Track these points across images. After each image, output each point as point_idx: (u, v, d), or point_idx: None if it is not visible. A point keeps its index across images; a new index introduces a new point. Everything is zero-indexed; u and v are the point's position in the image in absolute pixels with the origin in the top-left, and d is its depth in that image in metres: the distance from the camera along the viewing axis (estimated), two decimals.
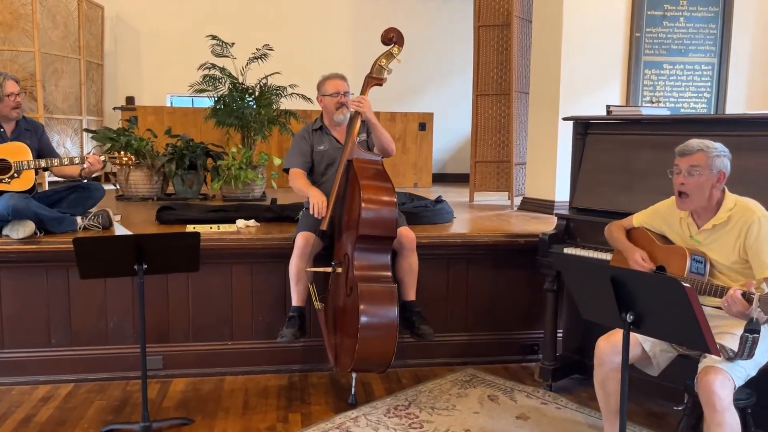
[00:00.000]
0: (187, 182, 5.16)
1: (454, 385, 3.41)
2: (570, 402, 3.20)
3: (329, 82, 3.40)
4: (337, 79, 3.40)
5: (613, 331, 2.42)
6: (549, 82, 4.47)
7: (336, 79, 3.40)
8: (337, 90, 3.36)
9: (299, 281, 3.27)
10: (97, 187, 3.59)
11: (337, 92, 3.36)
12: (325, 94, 3.39)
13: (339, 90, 3.36)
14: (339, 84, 3.37)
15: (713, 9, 4.46)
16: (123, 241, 2.56)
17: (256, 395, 3.26)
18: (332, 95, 3.36)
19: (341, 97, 3.35)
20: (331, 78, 3.41)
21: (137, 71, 7.29)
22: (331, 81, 3.39)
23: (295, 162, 3.43)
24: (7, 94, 3.33)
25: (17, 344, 3.34)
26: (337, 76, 3.41)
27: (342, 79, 3.41)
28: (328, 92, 3.38)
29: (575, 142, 3.35)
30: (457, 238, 3.63)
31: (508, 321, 3.79)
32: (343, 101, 3.35)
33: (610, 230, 2.72)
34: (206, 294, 3.48)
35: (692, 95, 4.53)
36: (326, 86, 3.40)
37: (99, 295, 3.39)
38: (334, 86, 3.37)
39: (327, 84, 3.40)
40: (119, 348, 3.44)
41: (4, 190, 3.23)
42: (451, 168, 7.98)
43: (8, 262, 3.26)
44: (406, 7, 7.82)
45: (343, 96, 3.36)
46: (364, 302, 2.87)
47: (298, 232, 3.29)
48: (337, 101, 3.35)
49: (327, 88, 3.39)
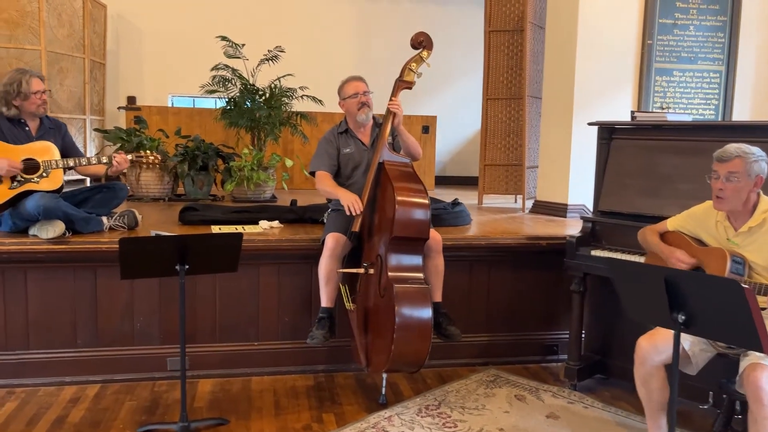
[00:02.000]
0: (197, 183, 5.14)
1: (479, 385, 3.46)
2: (596, 401, 3.26)
3: (348, 84, 3.46)
4: (356, 80, 3.46)
5: (654, 331, 2.49)
6: (563, 88, 4.55)
7: (355, 80, 3.46)
8: (356, 91, 3.41)
9: (329, 282, 3.29)
10: (122, 187, 3.57)
11: (357, 93, 3.41)
12: (346, 96, 3.44)
13: (359, 90, 3.41)
14: (358, 85, 3.43)
15: (721, 18, 4.58)
16: (168, 241, 2.56)
17: (285, 396, 3.28)
18: (352, 96, 3.41)
19: (362, 96, 3.40)
20: (350, 80, 3.47)
21: (139, 71, 7.24)
22: (351, 83, 3.45)
23: (322, 164, 3.45)
24: (33, 91, 3.31)
25: (43, 345, 3.32)
26: (355, 78, 3.48)
27: (360, 80, 3.47)
28: (349, 94, 3.43)
29: (600, 147, 3.42)
30: (480, 240, 3.68)
31: (527, 322, 3.85)
32: (364, 100, 3.40)
33: (644, 234, 2.79)
34: (233, 294, 3.49)
35: (701, 102, 4.65)
36: (346, 89, 3.45)
37: (125, 295, 3.38)
38: (353, 87, 3.43)
39: (346, 87, 3.46)
40: (145, 349, 3.42)
41: (33, 190, 3.20)
42: (452, 171, 8.06)
43: (36, 262, 3.24)
44: (408, 11, 7.89)
45: (363, 95, 3.41)
46: (399, 303, 2.90)
47: (328, 233, 3.31)
48: (358, 101, 3.40)
49: (347, 90, 3.44)
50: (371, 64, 7.65)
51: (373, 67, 7.65)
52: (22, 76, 3.28)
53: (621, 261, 2.63)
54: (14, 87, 3.27)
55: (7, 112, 3.29)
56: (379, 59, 7.66)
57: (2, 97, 3.29)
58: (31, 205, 3.11)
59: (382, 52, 7.67)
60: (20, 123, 3.33)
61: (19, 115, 3.31)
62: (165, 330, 3.44)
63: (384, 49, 7.68)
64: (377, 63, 7.63)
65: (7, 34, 5.57)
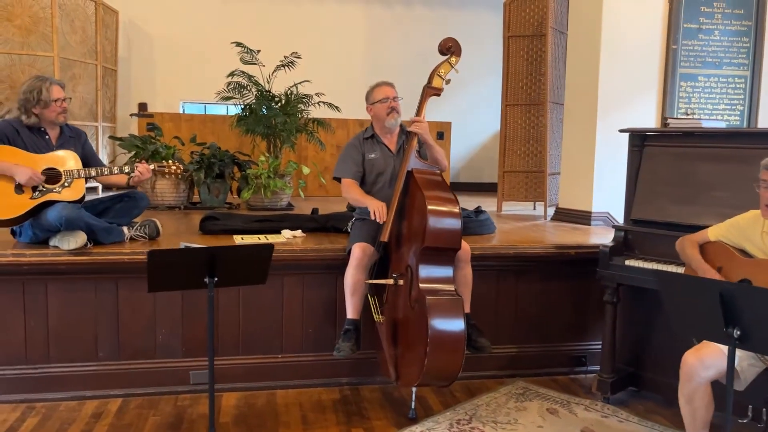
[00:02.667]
0: (213, 191, 5.08)
1: (509, 398, 3.38)
2: (630, 415, 3.18)
3: (377, 89, 3.42)
4: (385, 85, 3.43)
5: (700, 346, 2.41)
6: (586, 93, 4.48)
7: (384, 86, 3.42)
8: (386, 95, 3.37)
9: (355, 293, 3.22)
10: (143, 196, 3.50)
11: (387, 97, 3.37)
12: (375, 101, 3.40)
13: (388, 95, 3.37)
14: (388, 90, 3.40)
15: (746, 23, 4.51)
16: (198, 253, 2.49)
17: (312, 410, 3.20)
18: (382, 101, 3.37)
19: (391, 101, 3.36)
20: (379, 85, 3.44)
21: (150, 77, 7.19)
22: (380, 88, 3.42)
23: (348, 171, 3.39)
24: (53, 99, 3.24)
25: (63, 358, 3.24)
26: (384, 83, 3.44)
27: (390, 86, 3.44)
28: (378, 98, 3.38)
29: (631, 154, 3.35)
30: (509, 249, 3.61)
31: (555, 332, 3.77)
32: (393, 105, 3.37)
33: (683, 246, 2.71)
34: (256, 306, 3.42)
35: (726, 107, 4.57)
36: (375, 93, 3.41)
37: (148, 308, 3.31)
38: (383, 92, 3.39)
39: (376, 91, 3.42)
40: (168, 362, 3.35)
41: (55, 200, 3.13)
42: (466, 177, 7.99)
43: (57, 274, 3.17)
44: (421, 16, 7.83)
45: (392, 101, 3.36)
46: (432, 315, 2.83)
47: (354, 243, 3.24)
48: (387, 106, 3.36)
49: (376, 95, 3.40)
50: (384, 69, 7.59)
51: (385, 73, 7.61)
52: (42, 84, 3.21)
53: (671, 274, 2.55)
54: (34, 95, 3.21)
55: (27, 120, 3.23)
56: (391, 64, 7.62)
57: (22, 105, 3.22)
58: (52, 215, 3.04)
59: (394, 57, 7.63)
60: (40, 131, 3.27)
61: (39, 124, 3.25)
62: (188, 342, 3.36)
63: (396, 54, 7.63)
64: (390, 68, 7.58)
65: (20, 40, 5.51)
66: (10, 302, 3.16)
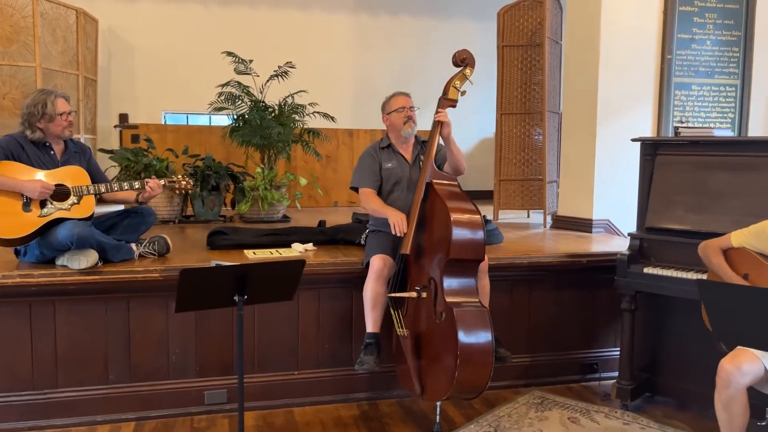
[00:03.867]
0: (208, 204, 4.97)
1: (528, 408, 3.37)
2: (650, 421, 3.21)
3: (394, 99, 3.43)
4: (402, 95, 3.44)
5: (737, 353, 2.44)
6: (585, 102, 4.53)
7: (400, 95, 3.44)
8: (403, 105, 3.38)
9: (375, 306, 3.18)
10: (150, 212, 3.40)
11: (403, 107, 3.38)
12: (391, 110, 3.40)
13: (405, 105, 3.39)
14: (404, 100, 3.41)
15: (736, 33, 4.64)
16: (229, 271, 2.42)
17: (334, 427, 3.14)
18: (398, 110, 3.38)
19: (408, 111, 3.36)
20: (397, 95, 3.45)
21: (131, 87, 7.00)
22: (396, 98, 3.43)
23: (366, 181, 3.37)
24: (59, 113, 3.12)
25: (73, 382, 3.11)
26: (401, 93, 3.46)
27: (406, 96, 3.45)
28: (395, 108, 3.39)
29: (644, 163, 3.39)
30: (523, 258, 3.61)
31: (567, 341, 3.79)
32: (410, 115, 3.37)
33: (707, 253, 2.74)
34: (272, 322, 3.34)
35: (718, 116, 4.68)
36: (391, 103, 3.42)
37: (160, 327, 3.20)
38: (399, 102, 3.40)
39: (392, 101, 3.42)
40: (182, 382, 3.25)
41: (64, 218, 3.00)
42: None
43: (65, 295, 3.04)
44: (407, 25, 7.83)
45: (409, 110, 3.37)
46: (461, 328, 2.80)
47: (373, 255, 3.20)
48: (404, 116, 3.37)
49: (392, 104, 3.41)
50: (369, 78, 7.60)
51: (372, 82, 7.63)
52: (47, 97, 3.09)
53: (714, 283, 2.57)
54: (38, 108, 3.08)
55: (32, 135, 3.10)
56: (377, 73, 7.61)
57: (26, 120, 3.09)
58: (63, 233, 2.92)
59: (380, 65, 7.61)
60: (45, 146, 3.14)
61: (44, 138, 3.12)
62: (202, 362, 3.27)
63: (383, 63, 7.62)
64: (371, 78, 7.59)
65: (1, 50, 5.31)
66: (17, 325, 3.02)
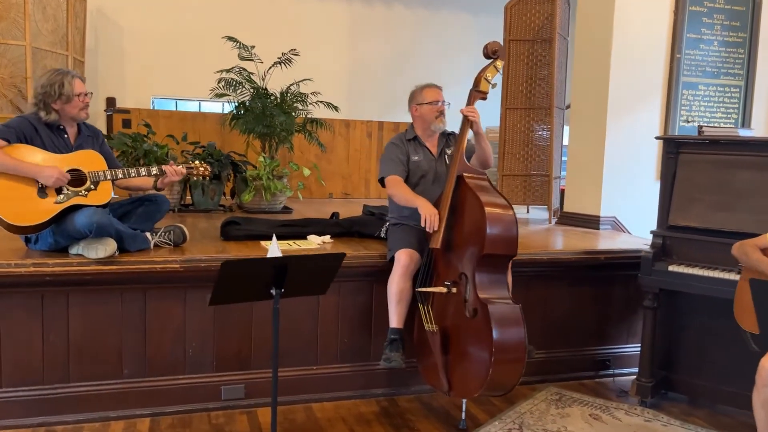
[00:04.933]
0: (208, 193, 4.83)
1: (548, 404, 3.36)
2: (671, 418, 3.23)
3: (428, 90, 3.33)
4: (435, 88, 3.34)
5: None
6: (596, 99, 4.53)
7: (434, 88, 3.34)
8: (436, 98, 3.30)
9: (401, 301, 3.12)
10: (164, 200, 3.26)
11: (437, 101, 3.29)
12: (423, 102, 3.31)
13: (438, 99, 3.30)
14: (438, 93, 3.32)
15: (742, 35, 4.70)
16: (269, 263, 2.33)
17: (357, 424, 3.07)
18: (431, 103, 3.29)
19: (440, 105, 3.27)
20: (430, 87, 3.34)
21: (119, 70, 6.77)
22: (430, 90, 3.33)
23: (394, 169, 3.28)
24: (76, 93, 2.96)
25: (85, 377, 2.97)
26: (434, 86, 3.36)
27: (439, 89, 3.36)
28: (427, 100, 3.30)
29: (666, 161, 3.40)
30: (542, 255, 3.59)
31: (581, 337, 3.79)
32: (442, 109, 3.29)
33: (745, 251, 2.75)
34: (291, 316, 3.24)
35: (722, 115, 4.74)
36: (424, 95, 3.32)
37: (177, 320, 3.08)
38: (433, 95, 3.31)
39: (425, 92, 3.32)
40: (198, 377, 3.14)
41: (81, 204, 2.86)
42: None
43: (80, 285, 2.90)
44: (401, 15, 7.75)
45: (441, 104, 3.28)
46: (497, 325, 2.76)
47: (399, 249, 3.14)
48: (437, 109, 3.28)
49: (425, 96, 3.32)
50: (363, 67, 7.51)
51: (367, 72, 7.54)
52: (63, 77, 2.94)
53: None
54: (55, 88, 2.92)
55: (46, 117, 2.93)
56: (371, 63, 7.53)
57: (40, 100, 2.93)
58: (81, 221, 2.77)
59: (374, 55, 7.53)
60: (59, 129, 2.98)
61: (58, 121, 2.96)
62: (219, 356, 3.16)
63: (376, 53, 7.54)
64: (367, 69, 7.51)
65: None
66: (27, 317, 2.87)
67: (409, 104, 3.37)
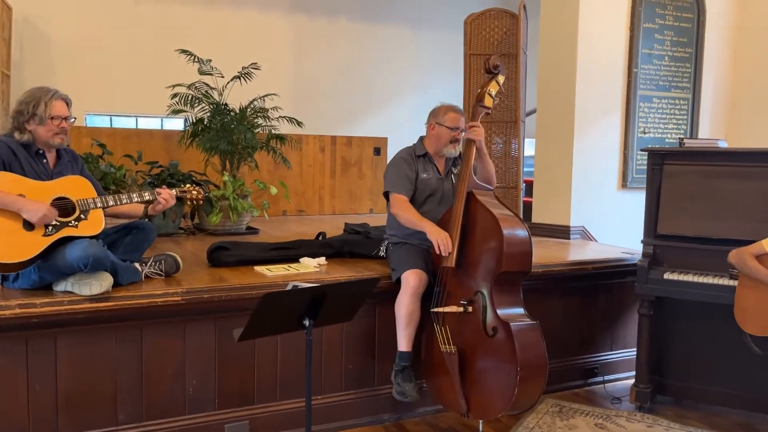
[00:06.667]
0: (170, 215, 4.53)
1: (552, 417, 3.38)
2: (671, 423, 3.33)
3: (451, 114, 3.25)
4: (459, 114, 3.27)
5: None
6: (562, 111, 4.66)
7: (458, 113, 3.27)
8: (456, 125, 3.24)
9: (410, 324, 3.05)
10: (153, 227, 3.01)
11: (456, 127, 3.23)
12: (444, 124, 3.24)
13: (458, 126, 3.24)
14: (460, 120, 3.25)
15: (689, 50, 4.98)
16: (310, 292, 2.18)
17: None
18: (451, 129, 3.23)
19: (458, 132, 3.23)
20: (454, 111, 3.27)
21: (48, 84, 6.22)
22: (453, 114, 3.25)
23: (401, 187, 3.20)
24: (51, 116, 2.69)
25: (75, 426, 2.68)
26: (459, 111, 3.29)
27: (463, 115, 3.29)
28: (447, 124, 3.23)
29: (651, 172, 3.52)
30: (537, 268, 3.61)
31: (569, 346, 3.85)
32: (458, 138, 3.24)
33: (743, 259, 2.88)
34: (295, 345, 3.08)
35: (674, 127, 5.00)
36: (446, 117, 3.25)
37: (177, 356, 2.85)
38: (455, 120, 3.24)
39: (448, 116, 3.25)
40: (200, 416, 2.91)
41: (72, 236, 2.58)
42: None
43: (69, 325, 2.62)
44: (344, 29, 7.68)
45: (460, 133, 3.24)
46: (520, 344, 2.75)
47: (406, 270, 3.06)
48: (454, 135, 3.23)
49: (447, 119, 3.24)
50: (307, 81, 7.38)
51: (309, 84, 7.40)
52: (43, 96, 2.67)
53: None
54: (29, 107, 2.65)
55: (20, 137, 2.64)
56: (315, 77, 7.41)
57: (14, 119, 2.64)
58: (75, 255, 2.49)
59: (317, 69, 7.41)
60: (38, 154, 2.69)
61: (34, 144, 2.67)
62: (222, 392, 2.95)
63: (320, 67, 7.42)
64: (310, 80, 7.39)
65: None
66: (9, 364, 2.55)
67: (429, 119, 3.30)
